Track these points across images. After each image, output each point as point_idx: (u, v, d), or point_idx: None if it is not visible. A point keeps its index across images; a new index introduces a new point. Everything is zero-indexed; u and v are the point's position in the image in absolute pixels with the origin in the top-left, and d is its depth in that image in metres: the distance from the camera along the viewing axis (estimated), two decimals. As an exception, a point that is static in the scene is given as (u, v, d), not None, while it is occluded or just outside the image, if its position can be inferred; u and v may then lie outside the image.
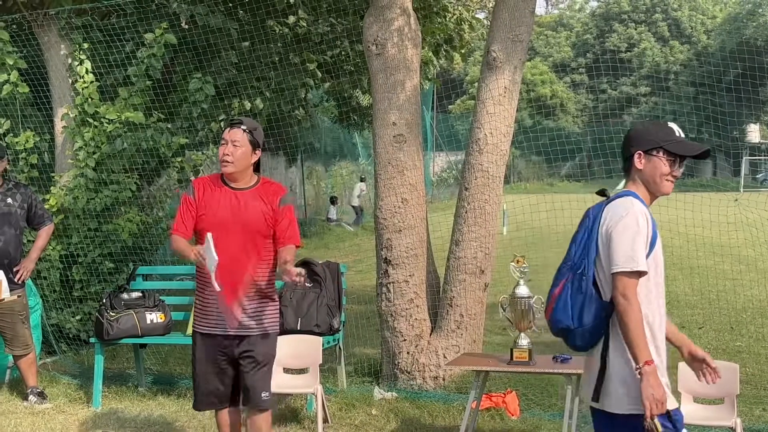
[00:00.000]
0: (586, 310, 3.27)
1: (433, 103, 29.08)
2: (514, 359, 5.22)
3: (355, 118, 17.04)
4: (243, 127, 4.54)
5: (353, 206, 25.19)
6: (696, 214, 9.71)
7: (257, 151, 4.59)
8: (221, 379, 4.68)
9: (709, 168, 45.09)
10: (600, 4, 55.79)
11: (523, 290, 5.22)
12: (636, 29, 51.75)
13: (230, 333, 4.55)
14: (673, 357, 7.51)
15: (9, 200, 6.75)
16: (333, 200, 24.13)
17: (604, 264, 3.27)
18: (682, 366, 5.05)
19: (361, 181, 25.70)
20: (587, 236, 3.34)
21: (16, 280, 6.70)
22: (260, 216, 4.54)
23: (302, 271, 4.42)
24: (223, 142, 4.57)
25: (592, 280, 3.28)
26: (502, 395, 6.16)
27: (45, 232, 7.01)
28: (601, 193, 3.46)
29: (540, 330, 6.26)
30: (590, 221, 3.36)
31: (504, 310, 5.29)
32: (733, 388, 4.88)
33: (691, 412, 4.93)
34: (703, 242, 12.18)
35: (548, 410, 6.12)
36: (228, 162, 4.50)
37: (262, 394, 4.64)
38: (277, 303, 4.76)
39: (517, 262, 5.29)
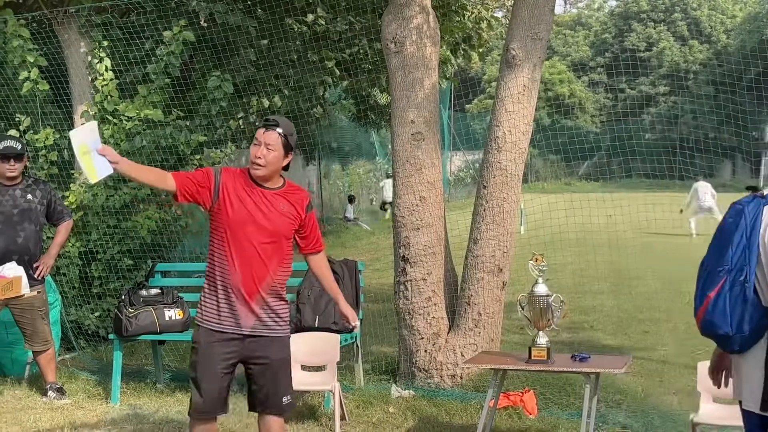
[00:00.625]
0: (746, 318, 3.22)
1: (450, 102, 29.03)
2: (533, 358, 5.20)
3: (373, 116, 17.05)
4: (279, 130, 4.39)
5: (389, 203, 24.96)
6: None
7: (290, 155, 4.47)
8: (225, 382, 4.46)
9: (729, 168, 44.82)
10: (619, 3, 55.54)
11: (541, 288, 5.20)
12: (655, 28, 51.47)
13: (245, 332, 4.40)
14: (692, 355, 7.48)
15: (29, 196, 6.79)
16: (351, 199, 24.12)
17: (766, 271, 3.21)
18: (702, 366, 5.03)
19: (388, 177, 25.54)
20: (746, 240, 3.24)
21: (35, 276, 6.74)
22: (287, 218, 4.47)
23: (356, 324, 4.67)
24: (256, 142, 4.39)
25: (753, 286, 3.22)
26: (520, 394, 6.14)
27: (64, 228, 7.05)
28: (753, 189, 3.34)
29: (559, 329, 6.26)
30: (748, 222, 3.26)
31: (522, 309, 5.28)
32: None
33: (710, 412, 4.91)
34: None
35: (566, 409, 6.10)
36: (260, 165, 4.37)
37: (284, 399, 4.53)
38: (288, 304, 4.67)
39: (536, 260, 5.27)
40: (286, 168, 4.55)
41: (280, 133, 4.39)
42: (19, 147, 6.75)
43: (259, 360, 4.46)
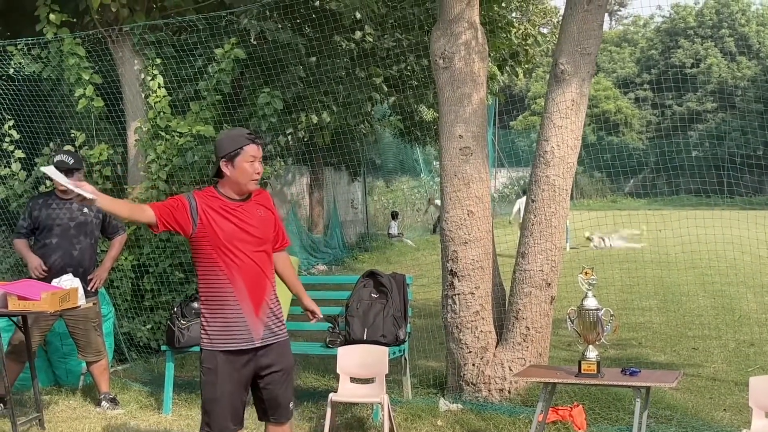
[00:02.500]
0: None
1: (495, 118, 29.03)
2: (582, 371, 5.18)
3: (418, 132, 17.13)
4: (259, 142, 4.54)
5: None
6: (766, 231, 9.57)
7: None
8: (241, 397, 4.49)
9: (778, 185, 44.12)
10: (665, 20, 55.10)
11: (591, 302, 5.19)
12: (702, 44, 50.98)
13: (257, 344, 4.45)
14: (742, 372, 7.40)
15: (85, 210, 6.94)
16: (394, 215, 24.17)
17: None
18: (754, 381, 5.00)
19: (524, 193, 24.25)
20: None
21: (89, 288, 6.88)
22: (268, 224, 4.57)
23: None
24: (251, 159, 4.43)
25: None
26: (569, 408, 6.12)
27: (118, 242, 7.19)
28: None
29: (607, 344, 6.24)
30: None
31: (572, 322, 5.27)
32: (807, 404, 4.80)
33: (762, 428, 4.86)
34: (773, 259, 11.99)
35: (615, 424, 6.07)
36: (258, 180, 4.50)
37: (290, 405, 4.64)
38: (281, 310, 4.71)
39: (586, 273, 5.27)
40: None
41: (260, 144, 4.53)
42: (72, 162, 6.82)
43: (271, 369, 4.51)
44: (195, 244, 4.46)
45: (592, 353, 5.20)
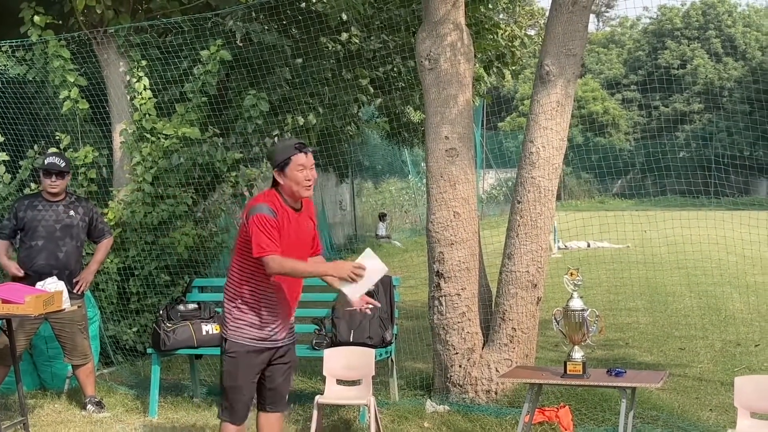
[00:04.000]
0: None
1: (482, 120, 29.05)
2: (568, 372, 5.19)
3: (405, 134, 17.12)
4: (311, 149, 4.71)
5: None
6: (752, 231, 9.61)
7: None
8: (254, 391, 4.86)
9: (765, 186, 44.32)
10: (652, 21, 55.30)
11: (577, 303, 5.20)
12: (689, 46, 51.18)
13: (280, 344, 4.80)
14: (728, 372, 7.43)
15: (72, 212, 6.92)
16: (382, 217, 24.13)
17: None
18: (739, 381, 5.01)
19: None
20: None
21: (75, 291, 6.85)
22: (312, 234, 4.85)
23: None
24: (301, 167, 4.59)
25: None
26: (555, 409, 6.13)
27: (104, 246, 7.17)
28: None
29: (594, 345, 6.24)
30: None
31: (558, 323, 5.28)
32: (791, 404, 4.82)
33: (747, 428, 4.87)
34: (759, 260, 12.05)
35: (602, 425, 6.08)
36: (311, 186, 4.66)
37: (287, 397, 4.96)
38: None
39: (571, 274, 5.27)
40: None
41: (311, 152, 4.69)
42: (63, 164, 6.87)
43: (278, 361, 4.83)
44: None
45: (578, 354, 5.21)
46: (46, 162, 6.83)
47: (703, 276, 13.10)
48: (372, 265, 4.71)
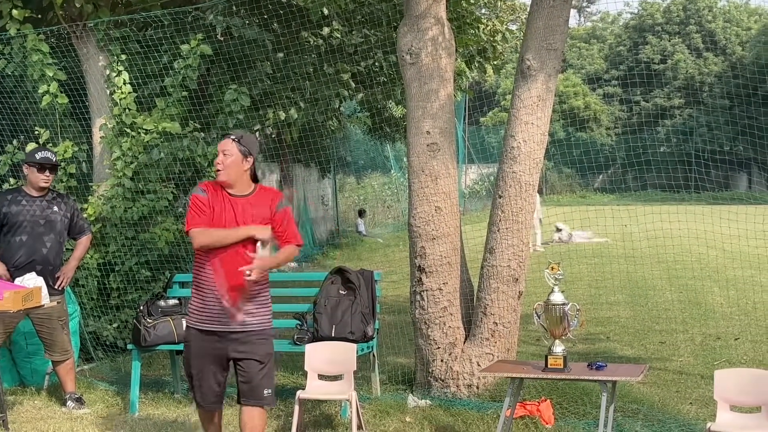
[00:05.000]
0: None
1: (465, 115, 29.09)
2: (549, 366, 5.20)
3: (388, 129, 17.11)
4: (232, 137, 4.90)
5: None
6: (732, 225, 9.67)
7: (248, 158, 4.89)
8: (218, 378, 4.93)
9: (744, 181, 44.64)
10: (633, 16, 55.50)
11: (557, 297, 5.21)
12: (670, 41, 51.41)
13: (230, 329, 4.81)
14: (708, 365, 7.47)
15: (55, 208, 6.89)
16: (361, 213, 24.06)
17: None
18: (718, 374, 5.04)
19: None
20: None
21: (56, 287, 6.81)
22: (258, 222, 4.86)
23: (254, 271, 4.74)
24: (220, 151, 4.88)
25: None
26: (537, 403, 6.14)
27: (84, 242, 7.14)
28: None
29: (575, 339, 6.27)
30: None
31: (539, 317, 5.29)
32: (770, 397, 4.85)
33: (727, 421, 4.90)
34: (739, 254, 12.11)
35: (583, 418, 6.09)
36: (219, 170, 4.85)
37: (265, 391, 4.89)
38: (271, 302, 5.02)
39: (552, 269, 5.29)
40: (255, 175, 4.97)
41: (233, 139, 4.88)
42: (55, 159, 6.94)
43: (248, 355, 4.85)
44: None
45: (559, 348, 5.23)
46: (39, 156, 6.79)
47: (684, 270, 13.16)
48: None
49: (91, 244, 7.68)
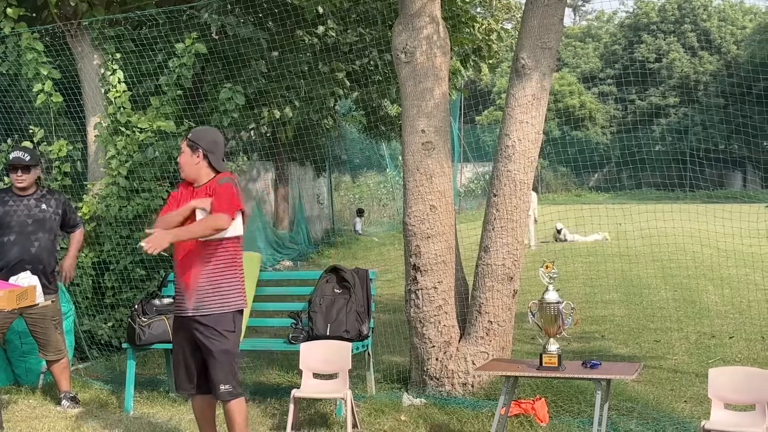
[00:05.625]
0: None
1: (460, 113, 29.08)
2: (544, 364, 5.21)
3: (383, 127, 17.12)
4: (187, 135, 5.27)
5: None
6: (726, 224, 9.69)
7: (197, 152, 5.14)
8: (188, 363, 5.15)
9: (739, 179, 44.72)
10: (628, 15, 55.57)
11: (552, 295, 5.22)
12: (665, 40, 51.49)
13: (189, 314, 5.05)
14: (703, 363, 7.49)
15: (43, 206, 6.86)
16: (360, 212, 24.11)
17: None
18: (713, 372, 5.05)
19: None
20: None
21: (62, 283, 6.83)
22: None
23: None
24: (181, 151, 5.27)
25: None
26: (531, 402, 6.15)
27: (78, 237, 7.13)
28: None
29: (570, 338, 6.28)
30: None
31: (533, 316, 5.30)
32: (764, 395, 4.86)
33: (721, 419, 4.91)
34: (734, 252, 12.13)
35: (577, 417, 6.10)
36: (180, 169, 5.25)
37: (221, 387, 5.03)
38: (235, 286, 5.11)
39: (546, 267, 5.29)
40: (213, 167, 5.18)
41: (186, 137, 5.24)
42: (28, 158, 6.79)
43: (204, 345, 5.04)
44: None
45: (554, 346, 5.23)
46: (11, 156, 6.79)
47: (678, 268, 13.18)
48: None
49: (86, 242, 7.68)
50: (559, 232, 18.97)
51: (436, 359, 6.75)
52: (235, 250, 5.15)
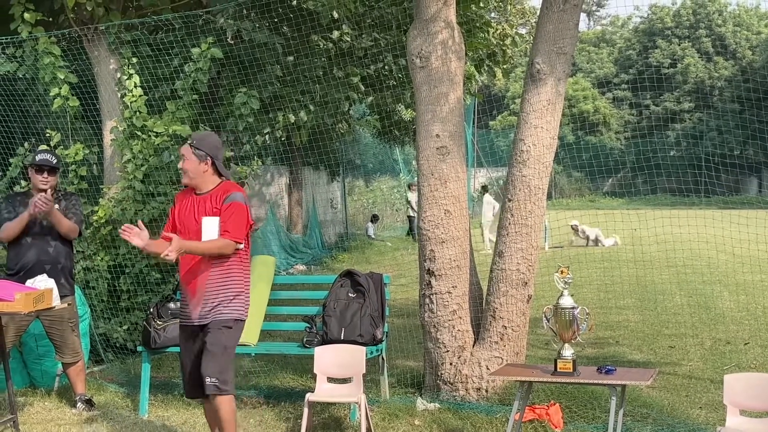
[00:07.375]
0: None
1: (474, 118, 29.08)
2: (558, 370, 5.20)
3: (397, 132, 17.14)
4: (189, 141, 5.19)
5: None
6: (742, 230, 9.65)
7: (205, 161, 5.13)
8: (194, 369, 5.17)
9: (755, 185, 44.49)
10: (643, 20, 55.43)
11: (567, 301, 5.20)
12: (680, 45, 51.33)
13: (195, 323, 5.11)
14: (718, 370, 7.45)
15: (58, 208, 6.88)
16: (374, 218, 24.13)
17: None
18: (728, 379, 5.03)
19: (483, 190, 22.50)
20: None
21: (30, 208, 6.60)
22: (210, 215, 5.09)
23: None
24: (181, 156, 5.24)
25: None
26: (546, 407, 6.14)
27: (72, 225, 6.86)
28: None
29: (584, 343, 6.26)
30: None
31: (548, 321, 5.28)
32: (780, 401, 4.84)
33: (737, 425, 4.89)
34: (749, 258, 12.09)
35: (592, 422, 6.09)
36: (183, 174, 5.20)
37: (207, 379, 4.99)
38: (238, 296, 5.13)
39: (561, 272, 5.28)
40: (219, 173, 5.21)
41: (190, 144, 5.16)
42: (54, 161, 6.83)
43: (204, 345, 5.09)
44: None
45: (568, 351, 5.22)
46: (37, 158, 6.78)
47: (693, 274, 13.14)
48: None
49: (101, 246, 7.64)
50: (575, 229, 18.75)
51: (450, 364, 6.75)
52: (241, 260, 5.15)
